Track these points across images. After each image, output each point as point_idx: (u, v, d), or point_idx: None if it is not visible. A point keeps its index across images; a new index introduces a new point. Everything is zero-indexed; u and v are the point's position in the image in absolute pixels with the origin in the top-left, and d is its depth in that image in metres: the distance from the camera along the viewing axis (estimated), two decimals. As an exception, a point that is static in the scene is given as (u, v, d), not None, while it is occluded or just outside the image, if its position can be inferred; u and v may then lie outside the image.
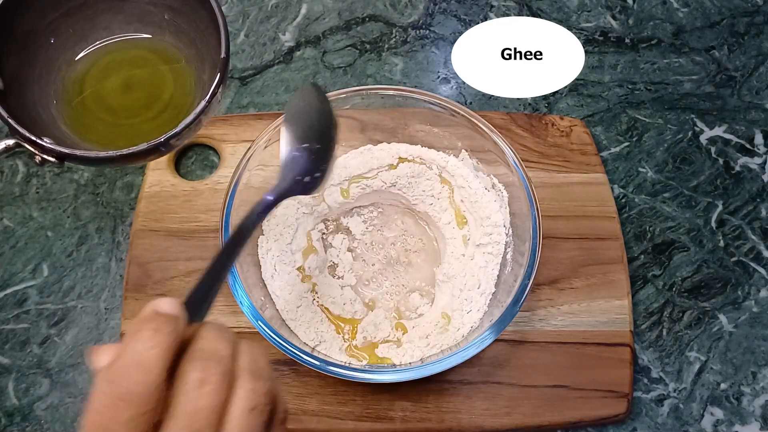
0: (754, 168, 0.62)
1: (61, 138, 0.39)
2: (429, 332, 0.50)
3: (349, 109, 0.53)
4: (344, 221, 0.55)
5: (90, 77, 0.42)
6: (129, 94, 0.42)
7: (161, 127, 0.40)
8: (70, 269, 0.56)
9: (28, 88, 0.39)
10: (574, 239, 0.56)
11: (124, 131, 0.42)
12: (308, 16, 0.67)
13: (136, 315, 0.51)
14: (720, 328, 0.55)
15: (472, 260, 0.52)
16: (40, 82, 0.40)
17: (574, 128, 0.60)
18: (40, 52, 0.40)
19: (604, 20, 0.68)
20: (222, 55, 0.40)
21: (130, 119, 0.43)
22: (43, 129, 0.37)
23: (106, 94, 0.42)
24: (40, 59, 0.40)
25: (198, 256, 0.54)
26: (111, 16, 0.42)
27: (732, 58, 0.67)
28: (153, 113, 0.43)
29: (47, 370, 0.52)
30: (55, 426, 0.51)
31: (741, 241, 0.59)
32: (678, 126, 0.63)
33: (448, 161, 0.54)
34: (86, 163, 0.38)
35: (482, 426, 0.50)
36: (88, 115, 0.42)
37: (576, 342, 0.52)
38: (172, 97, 0.43)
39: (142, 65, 0.43)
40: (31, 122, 0.37)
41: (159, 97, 0.43)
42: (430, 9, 0.68)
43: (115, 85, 0.43)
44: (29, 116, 0.37)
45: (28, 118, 0.37)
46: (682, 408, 0.53)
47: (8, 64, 0.38)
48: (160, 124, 0.42)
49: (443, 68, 0.66)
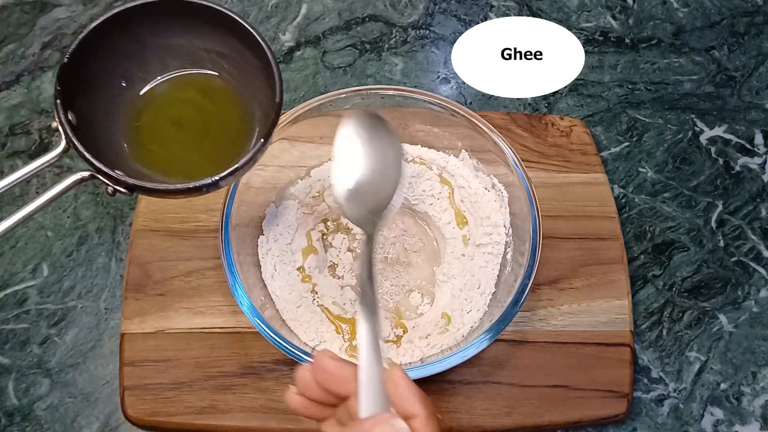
0: (754, 168, 0.62)
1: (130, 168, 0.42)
2: (429, 332, 0.50)
3: (349, 109, 0.53)
4: (344, 221, 0.55)
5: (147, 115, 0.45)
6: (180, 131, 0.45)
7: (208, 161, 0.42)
8: (70, 269, 0.56)
9: (98, 123, 0.42)
10: (574, 239, 0.56)
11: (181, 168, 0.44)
12: (308, 16, 0.67)
13: (137, 315, 0.51)
14: (720, 328, 0.55)
15: (472, 260, 0.52)
16: (109, 118, 0.43)
17: (574, 128, 0.60)
18: (107, 91, 0.44)
19: (604, 20, 0.68)
20: (276, 99, 0.42)
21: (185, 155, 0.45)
22: (112, 162, 0.40)
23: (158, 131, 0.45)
24: (108, 97, 0.44)
25: (198, 256, 0.54)
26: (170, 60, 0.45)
27: (732, 58, 0.67)
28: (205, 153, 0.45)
29: (47, 370, 0.52)
30: (55, 426, 0.51)
31: (741, 241, 0.59)
32: (678, 126, 0.63)
33: (448, 161, 0.54)
34: (153, 194, 0.41)
35: (482, 426, 0.50)
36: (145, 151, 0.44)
37: (576, 342, 0.52)
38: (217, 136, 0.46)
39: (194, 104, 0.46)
40: (102, 155, 0.39)
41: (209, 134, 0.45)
42: (430, 9, 0.68)
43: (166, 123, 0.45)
44: (99, 150, 0.40)
45: (99, 152, 0.40)
46: (682, 408, 0.53)
47: (80, 102, 0.41)
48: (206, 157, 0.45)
49: (443, 68, 0.66)
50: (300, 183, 0.55)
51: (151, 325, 0.51)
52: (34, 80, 0.64)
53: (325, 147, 0.54)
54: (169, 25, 0.44)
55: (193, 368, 0.50)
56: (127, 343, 0.51)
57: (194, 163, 0.44)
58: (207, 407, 0.49)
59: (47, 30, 0.67)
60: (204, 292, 0.52)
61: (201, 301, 0.52)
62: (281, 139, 0.51)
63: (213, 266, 0.53)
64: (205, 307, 0.52)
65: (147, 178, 0.42)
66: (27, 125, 0.62)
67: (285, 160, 0.53)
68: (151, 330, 0.51)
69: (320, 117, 0.52)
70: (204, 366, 0.50)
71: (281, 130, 0.50)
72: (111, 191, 0.39)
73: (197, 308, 0.52)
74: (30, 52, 0.65)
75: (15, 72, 0.64)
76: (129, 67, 0.44)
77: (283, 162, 0.53)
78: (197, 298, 0.52)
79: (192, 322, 0.51)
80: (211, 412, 0.49)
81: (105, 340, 0.53)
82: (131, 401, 0.49)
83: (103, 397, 0.51)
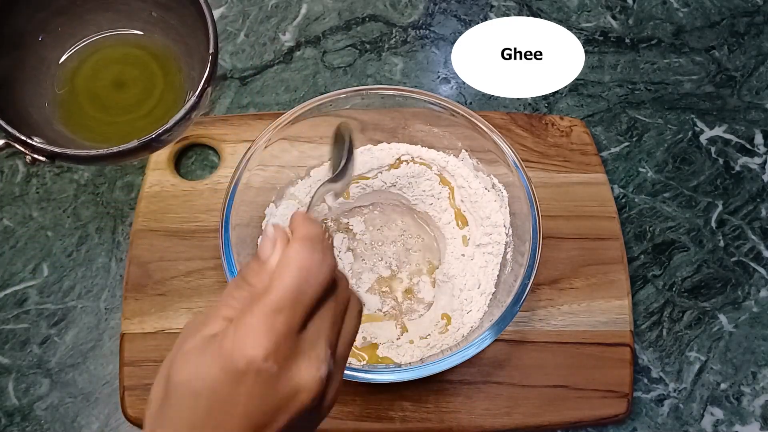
0: (754, 168, 0.62)
1: (55, 138, 0.39)
2: (429, 332, 0.50)
3: (349, 109, 0.53)
4: (344, 220, 0.55)
5: (81, 75, 0.43)
6: (121, 91, 0.43)
7: (153, 123, 0.40)
8: (70, 269, 0.56)
9: (19, 88, 0.40)
10: (574, 239, 0.56)
11: (118, 129, 0.42)
12: (308, 16, 0.67)
13: (137, 315, 0.51)
14: (720, 328, 0.55)
15: (472, 260, 0.52)
16: (32, 82, 0.40)
17: (574, 128, 0.60)
18: (30, 51, 0.41)
19: (604, 20, 0.68)
20: (210, 50, 0.40)
21: (123, 116, 0.43)
22: (35, 129, 0.37)
23: (98, 92, 0.42)
24: (30, 59, 0.41)
25: (198, 256, 0.54)
26: (100, 14, 0.42)
27: (732, 58, 0.67)
28: (145, 110, 0.43)
29: (47, 370, 0.52)
30: (55, 426, 0.51)
31: (741, 241, 0.59)
32: (678, 126, 0.63)
33: (448, 161, 0.54)
34: (78, 161, 0.38)
35: (482, 426, 0.50)
36: (81, 113, 0.42)
37: (576, 342, 0.52)
38: (162, 94, 0.43)
39: (133, 62, 0.43)
40: (23, 122, 0.37)
41: (150, 94, 0.43)
42: (430, 9, 0.68)
43: (106, 82, 0.43)
44: (21, 116, 0.37)
45: (20, 119, 0.37)
46: (682, 408, 0.53)
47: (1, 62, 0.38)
48: (153, 120, 0.42)
49: (443, 68, 0.66)
50: (300, 183, 0.55)
51: (151, 325, 0.51)
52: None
53: (324, 147, 0.54)
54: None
55: (193, 368, 0.50)
56: (127, 343, 0.51)
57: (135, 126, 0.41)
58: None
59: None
60: (204, 292, 0.52)
61: (201, 301, 0.52)
62: (281, 140, 0.51)
63: (213, 266, 0.53)
64: (205, 307, 0.52)
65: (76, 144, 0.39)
66: (27, 125, 0.61)
67: (285, 160, 0.53)
68: (151, 330, 0.51)
69: (320, 117, 0.52)
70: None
71: (281, 130, 0.50)
72: (29, 160, 0.36)
73: (197, 308, 0.52)
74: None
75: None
76: (58, 23, 0.41)
77: (283, 162, 0.53)
78: (197, 298, 0.52)
79: (192, 322, 0.51)
80: (211, 412, 0.49)
81: (105, 340, 0.53)
82: (131, 401, 0.49)
83: (103, 397, 0.51)
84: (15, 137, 0.36)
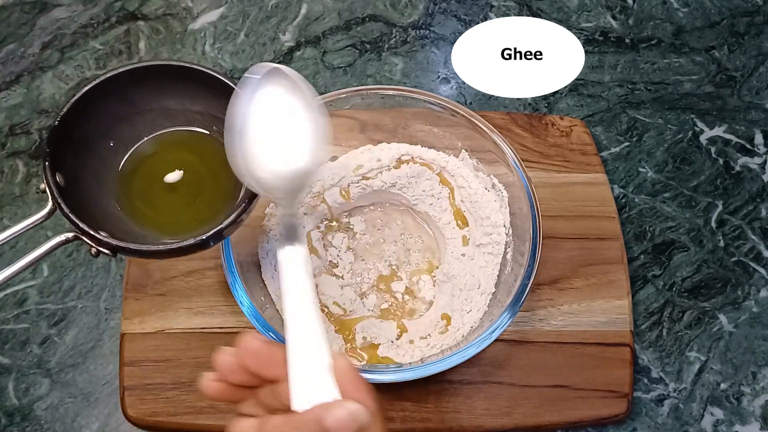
0: (754, 168, 0.62)
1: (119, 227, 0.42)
2: (429, 332, 0.50)
3: (349, 109, 0.53)
4: (345, 221, 0.55)
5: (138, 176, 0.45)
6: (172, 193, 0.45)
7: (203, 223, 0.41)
8: (70, 269, 0.56)
9: (87, 183, 0.42)
10: (574, 239, 0.56)
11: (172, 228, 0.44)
12: (308, 16, 0.67)
13: (137, 315, 0.51)
14: (720, 328, 0.55)
15: (472, 260, 0.52)
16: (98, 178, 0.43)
17: (574, 128, 0.60)
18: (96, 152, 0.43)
19: (604, 20, 0.68)
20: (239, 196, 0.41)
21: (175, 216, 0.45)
22: (99, 222, 0.40)
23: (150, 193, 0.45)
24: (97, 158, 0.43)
25: (198, 256, 0.53)
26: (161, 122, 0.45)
27: (732, 58, 0.67)
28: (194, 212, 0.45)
29: (47, 370, 0.52)
30: (55, 426, 0.51)
31: (741, 241, 0.59)
32: (678, 126, 0.63)
33: (448, 161, 0.54)
34: (137, 255, 0.40)
35: (482, 426, 0.50)
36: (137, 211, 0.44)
37: (576, 342, 0.52)
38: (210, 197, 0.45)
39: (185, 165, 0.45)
40: (89, 216, 0.39)
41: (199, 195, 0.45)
42: (430, 9, 0.68)
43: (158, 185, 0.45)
44: (87, 210, 0.40)
45: (86, 212, 0.39)
46: (682, 408, 0.53)
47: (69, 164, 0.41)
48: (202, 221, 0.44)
49: (443, 68, 0.66)
50: (300, 183, 0.54)
51: (151, 325, 0.51)
52: (34, 80, 0.64)
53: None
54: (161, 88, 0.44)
55: (193, 368, 0.50)
56: (127, 343, 0.51)
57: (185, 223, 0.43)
58: (207, 407, 0.49)
59: (47, 30, 0.67)
60: (204, 292, 0.52)
61: (201, 301, 0.52)
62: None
63: (213, 266, 0.53)
64: (205, 307, 0.52)
65: (136, 237, 0.41)
66: (27, 125, 0.62)
67: (285, 160, 0.53)
68: (151, 330, 0.51)
69: (320, 117, 0.52)
70: (204, 366, 0.50)
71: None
72: (94, 252, 0.39)
73: (197, 308, 0.52)
74: (30, 52, 0.65)
75: (15, 72, 0.64)
76: (120, 129, 0.44)
77: (283, 162, 0.53)
78: (197, 298, 0.52)
79: (192, 322, 0.51)
80: (211, 412, 0.49)
81: (105, 340, 0.53)
82: (131, 401, 0.49)
83: (103, 397, 0.51)
84: (84, 231, 0.38)
